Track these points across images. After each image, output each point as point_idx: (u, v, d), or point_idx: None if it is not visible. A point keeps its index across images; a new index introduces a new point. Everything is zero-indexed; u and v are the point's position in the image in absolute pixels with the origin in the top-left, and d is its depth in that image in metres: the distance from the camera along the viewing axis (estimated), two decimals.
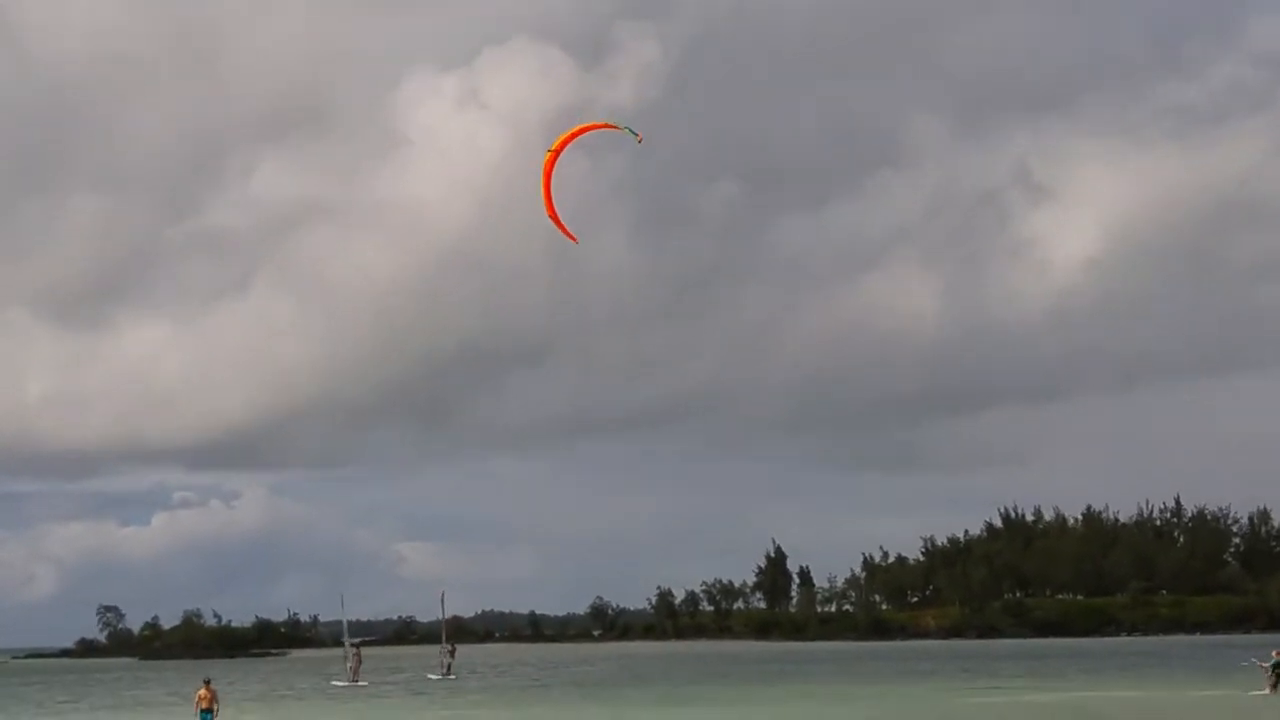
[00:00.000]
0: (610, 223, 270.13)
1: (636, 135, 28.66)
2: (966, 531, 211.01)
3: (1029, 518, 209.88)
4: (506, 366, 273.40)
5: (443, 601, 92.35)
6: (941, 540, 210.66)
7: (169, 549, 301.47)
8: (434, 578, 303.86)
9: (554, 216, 29.73)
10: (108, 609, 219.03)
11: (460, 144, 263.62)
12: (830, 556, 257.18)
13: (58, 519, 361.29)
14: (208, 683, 46.02)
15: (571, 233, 30.01)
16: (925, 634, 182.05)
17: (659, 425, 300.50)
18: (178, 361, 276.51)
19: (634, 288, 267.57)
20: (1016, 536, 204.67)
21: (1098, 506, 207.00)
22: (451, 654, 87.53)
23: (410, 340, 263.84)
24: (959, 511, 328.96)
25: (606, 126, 30.08)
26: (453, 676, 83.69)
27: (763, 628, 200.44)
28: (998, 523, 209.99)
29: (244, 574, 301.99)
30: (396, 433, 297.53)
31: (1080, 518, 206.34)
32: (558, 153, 29.46)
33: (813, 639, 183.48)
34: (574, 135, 29.54)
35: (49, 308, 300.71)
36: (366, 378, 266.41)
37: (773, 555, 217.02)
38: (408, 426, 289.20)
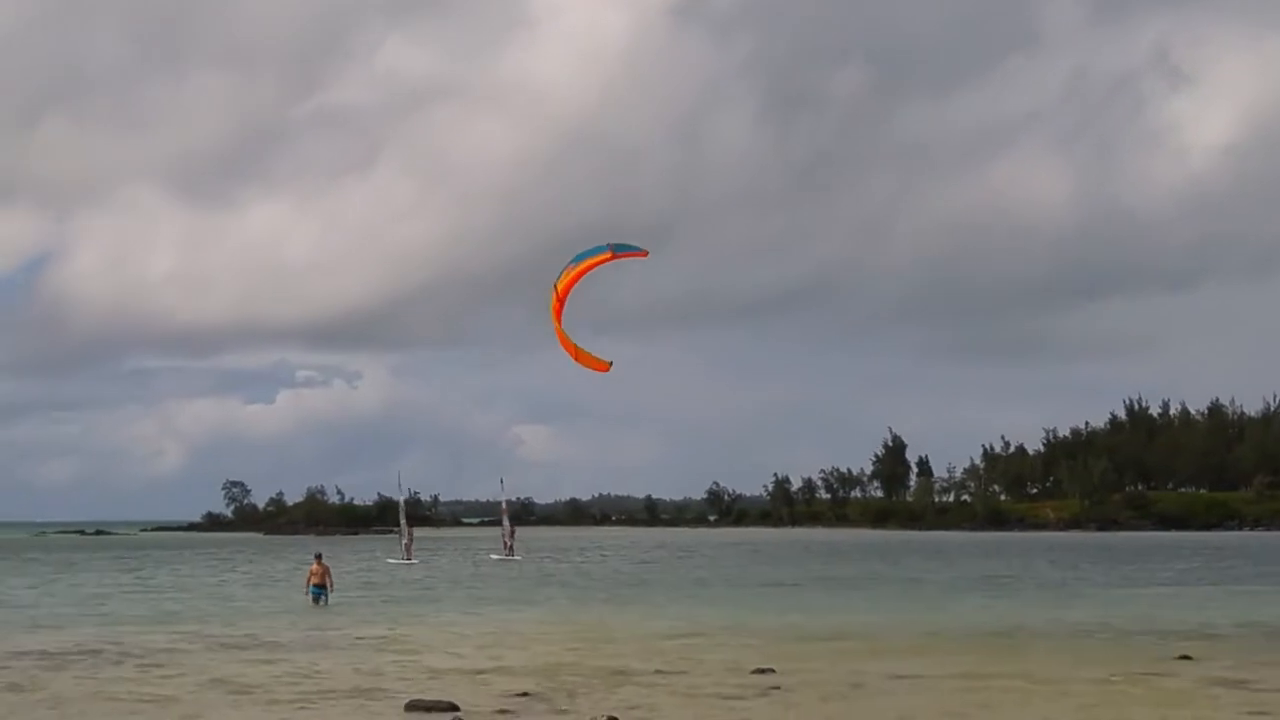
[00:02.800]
0: (734, 104, 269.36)
1: (642, 252, 27.34)
2: (1088, 423, 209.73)
3: (1154, 411, 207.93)
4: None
5: (502, 485, 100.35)
6: (1063, 432, 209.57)
7: (293, 427, 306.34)
8: (551, 460, 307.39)
9: (577, 354, 28.21)
10: (233, 484, 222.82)
11: (584, 24, 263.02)
12: (949, 446, 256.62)
13: (185, 395, 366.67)
14: (319, 558, 46.22)
15: (602, 361, 28.53)
16: (1043, 525, 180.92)
17: (778, 311, 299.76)
18: (300, 240, 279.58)
19: (756, 171, 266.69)
20: (1140, 429, 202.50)
21: (1224, 399, 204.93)
22: (512, 535, 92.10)
23: (531, 221, 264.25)
24: (1082, 402, 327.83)
25: (610, 258, 28.57)
26: (517, 558, 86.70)
27: (879, 516, 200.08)
28: (1122, 415, 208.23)
29: (365, 453, 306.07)
30: (516, 314, 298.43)
31: (1206, 411, 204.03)
32: (563, 298, 27.98)
33: (929, 528, 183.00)
34: (578, 277, 28.16)
35: (174, 185, 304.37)
36: (487, 258, 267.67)
37: (890, 444, 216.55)
38: (527, 308, 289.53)
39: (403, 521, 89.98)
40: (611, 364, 28.63)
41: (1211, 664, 26.72)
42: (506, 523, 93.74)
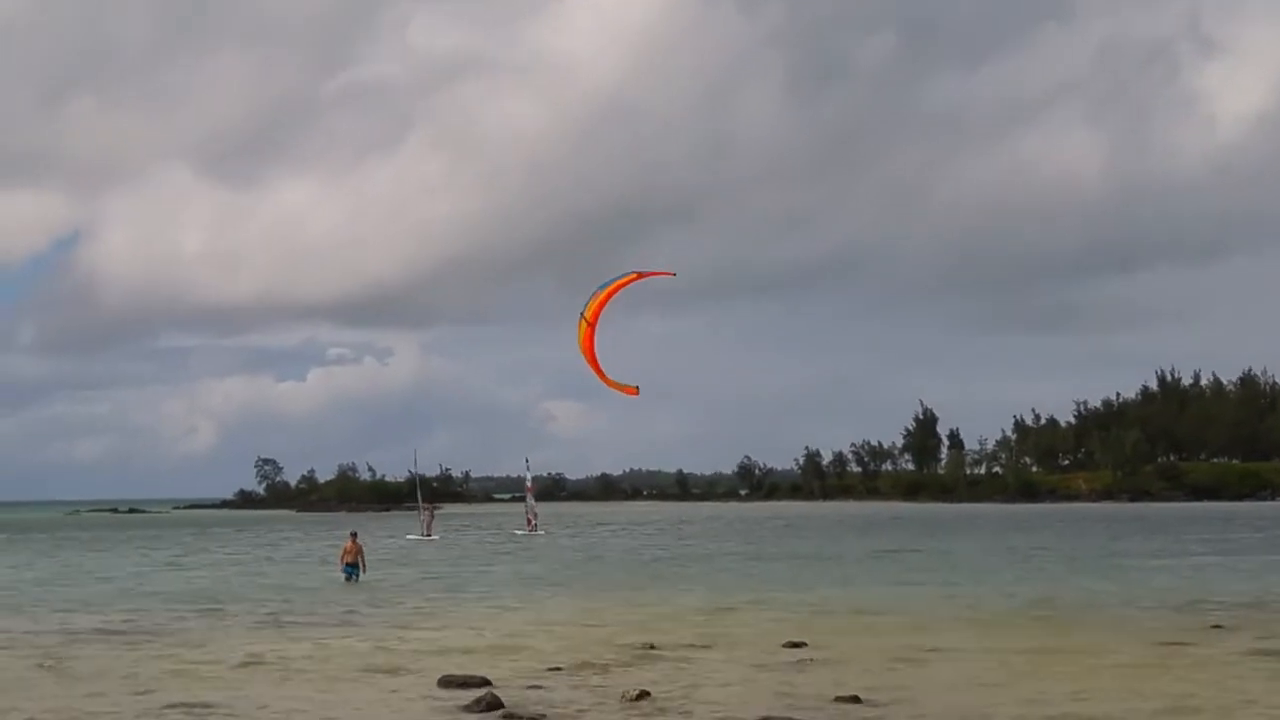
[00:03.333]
0: (762, 76, 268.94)
1: (668, 272, 27.19)
2: (1119, 394, 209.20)
3: (1185, 381, 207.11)
4: (655, 222, 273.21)
5: (527, 464, 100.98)
6: (1095, 403, 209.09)
7: (324, 404, 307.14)
8: (582, 435, 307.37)
9: (609, 382, 28.09)
10: (265, 461, 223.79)
11: None
12: (980, 419, 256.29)
13: (216, 373, 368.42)
14: (354, 536, 46.33)
15: (630, 386, 28.40)
16: (1075, 497, 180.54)
17: (809, 284, 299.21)
18: (329, 217, 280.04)
19: (786, 143, 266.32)
20: (1171, 400, 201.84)
21: (1256, 369, 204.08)
22: (535, 513, 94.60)
23: (560, 196, 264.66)
24: (1114, 374, 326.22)
25: (635, 279, 28.37)
26: (541, 533, 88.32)
27: (911, 489, 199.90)
28: (1153, 386, 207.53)
29: (397, 429, 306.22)
30: (545, 289, 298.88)
31: (1237, 381, 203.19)
32: (594, 322, 27.81)
33: (961, 501, 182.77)
34: (605, 300, 27.98)
35: (203, 163, 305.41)
36: (516, 234, 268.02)
37: (921, 417, 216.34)
38: (557, 283, 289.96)
39: (420, 499, 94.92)
40: (638, 388, 28.66)
41: (1244, 634, 26.69)
42: (531, 500, 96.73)
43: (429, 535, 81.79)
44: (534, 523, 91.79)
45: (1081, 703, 18.52)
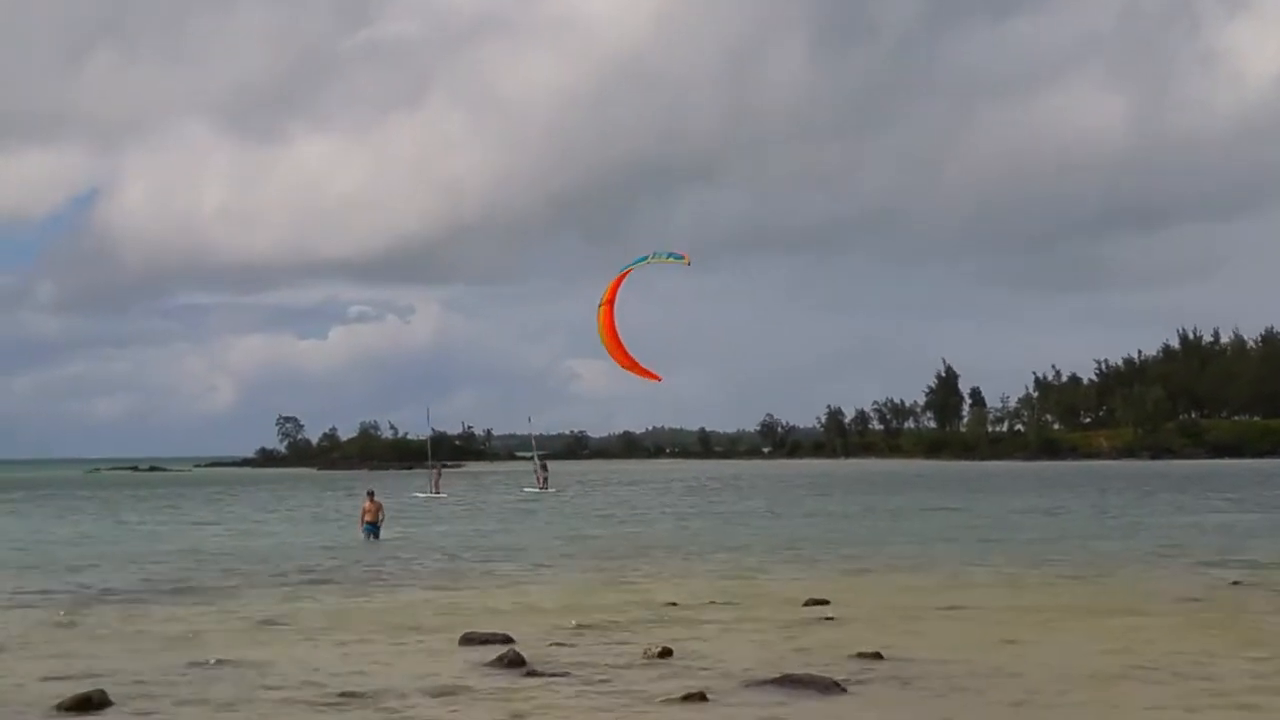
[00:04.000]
0: (786, 33, 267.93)
1: (683, 258, 26.44)
2: (1141, 352, 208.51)
3: (1206, 339, 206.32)
4: (677, 180, 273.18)
5: (530, 422, 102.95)
6: (1116, 361, 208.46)
7: (346, 362, 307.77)
8: (605, 394, 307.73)
9: (634, 366, 27.41)
10: (287, 419, 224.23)
11: None
12: (1002, 377, 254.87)
13: (237, 331, 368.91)
14: (372, 495, 46.30)
15: (654, 374, 27.73)
16: (1097, 454, 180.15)
17: (832, 242, 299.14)
18: (351, 174, 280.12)
19: (809, 101, 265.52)
20: (1193, 357, 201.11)
21: (1278, 327, 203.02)
22: (544, 469, 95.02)
23: (582, 154, 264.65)
24: (1135, 331, 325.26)
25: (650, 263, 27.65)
26: (552, 490, 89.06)
27: (933, 447, 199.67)
28: (1175, 344, 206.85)
29: (418, 387, 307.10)
30: (568, 247, 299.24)
31: (1259, 339, 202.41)
32: (612, 303, 27.19)
33: (983, 459, 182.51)
34: (620, 280, 27.36)
35: (223, 119, 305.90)
36: (539, 192, 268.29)
37: (943, 375, 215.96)
38: (579, 241, 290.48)
39: (535, 457, 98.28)
40: (661, 378, 28.22)
41: (1265, 590, 26.56)
42: (537, 457, 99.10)
43: (437, 493, 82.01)
44: (543, 478, 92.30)
45: (1108, 658, 18.36)
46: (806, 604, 24.99)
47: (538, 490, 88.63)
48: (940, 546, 39.48)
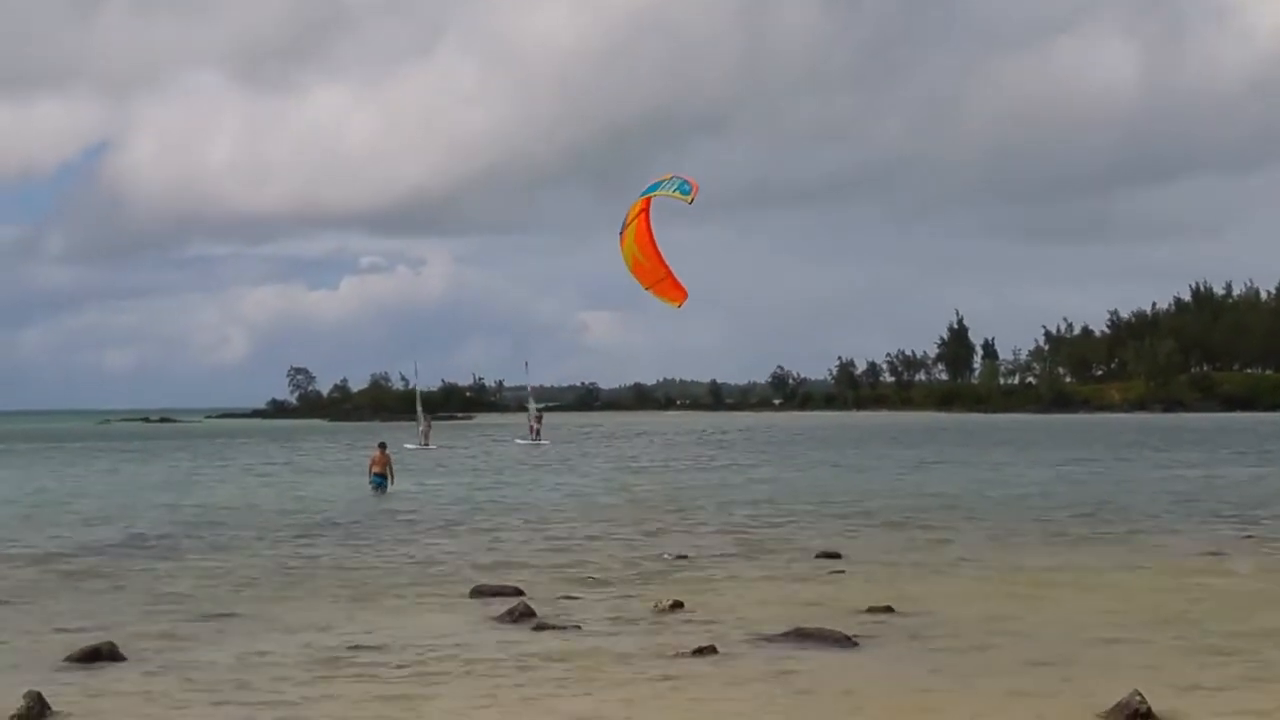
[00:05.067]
0: None
1: (692, 189, 25.37)
2: (1154, 305, 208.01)
3: (1219, 291, 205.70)
4: (689, 132, 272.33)
5: (526, 368, 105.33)
6: (1127, 314, 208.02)
7: (357, 313, 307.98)
8: (616, 345, 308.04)
9: (665, 278, 25.97)
10: (298, 371, 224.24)
11: None
12: (1014, 329, 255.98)
13: (248, 282, 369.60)
14: (382, 447, 46.12)
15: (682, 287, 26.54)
16: (1109, 407, 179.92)
17: (843, 194, 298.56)
18: (362, 126, 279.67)
19: (820, 54, 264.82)
20: (1205, 310, 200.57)
21: None
22: (539, 419, 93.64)
23: (594, 106, 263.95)
24: (1147, 284, 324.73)
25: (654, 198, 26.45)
26: (545, 442, 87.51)
27: (944, 399, 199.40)
28: (1187, 296, 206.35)
29: (430, 339, 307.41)
30: (579, 199, 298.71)
31: (1272, 292, 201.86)
32: (647, 211, 25.91)
33: (994, 411, 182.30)
34: (645, 205, 26.31)
35: (235, 70, 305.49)
36: (550, 143, 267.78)
37: (955, 327, 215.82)
38: (590, 193, 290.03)
39: (531, 407, 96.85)
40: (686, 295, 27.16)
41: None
42: (533, 407, 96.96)
43: (427, 445, 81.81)
44: (537, 429, 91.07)
45: (1119, 616, 18.28)
46: (819, 556, 24.95)
47: (530, 442, 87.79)
48: (955, 500, 39.31)
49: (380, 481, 44.48)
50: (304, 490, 46.82)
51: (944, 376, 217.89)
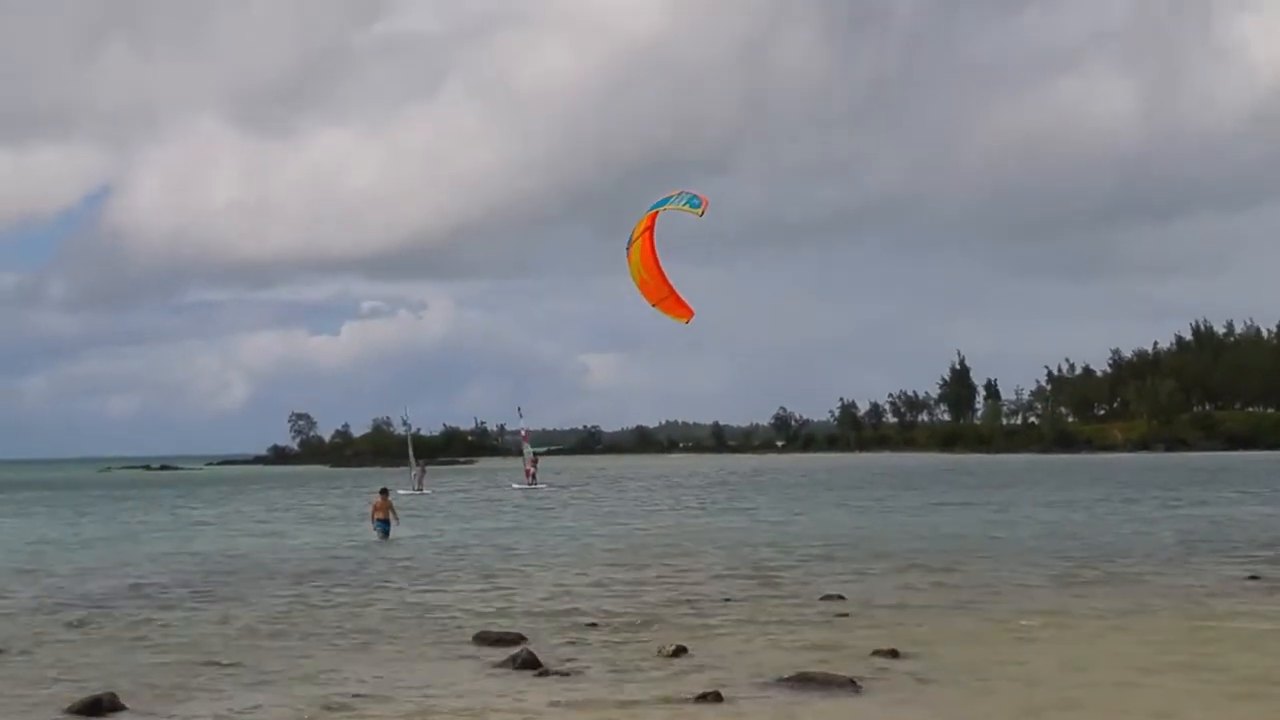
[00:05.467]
0: (799, 23, 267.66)
1: (702, 203, 25.16)
2: (1156, 343, 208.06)
3: (1220, 330, 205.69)
4: (691, 171, 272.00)
5: (520, 413, 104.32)
6: (1128, 353, 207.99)
7: (358, 358, 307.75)
8: (618, 388, 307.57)
9: (668, 295, 25.84)
10: (299, 416, 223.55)
11: None
12: (1015, 368, 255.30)
13: (249, 328, 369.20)
14: (384, 493, 45.99)
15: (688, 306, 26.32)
16: (1112, 447, 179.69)
17: (845, 232, 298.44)
18: (364, 169, 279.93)
19: (822, 91, 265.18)
20: (1206, 349, 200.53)
21: None
22: (534, 463, 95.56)
23: (596, 146, 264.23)
24: (1148, 322, 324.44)
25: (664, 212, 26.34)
26: (542, 485, 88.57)
27: (947, 440, 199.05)
28: (1188, 335, 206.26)
29: (431, 383, 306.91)
30: (580, 242, 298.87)
31: (1274, 329, 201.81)
32: (651, 229, 25.87)
33: (997, 451, 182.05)
34: (652, 220, 26.24)
35: (236, 113, 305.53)
36: (552, 185, 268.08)
37: (957, 367, 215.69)
38: (593, 234, 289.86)
39: (527, 451, 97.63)
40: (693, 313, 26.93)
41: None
42: (528, 451, 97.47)
43: (420, 490, 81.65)
44: (533, 473, 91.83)
45: (1127, 659, 18.15)
46: (823, 599, 24.84)
47: (527, 486, 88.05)
48: (961, 543, 39.16)
49: (384, 527, 44.30)
50: (304, 537, 46.60)
51: (946, 417, 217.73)
